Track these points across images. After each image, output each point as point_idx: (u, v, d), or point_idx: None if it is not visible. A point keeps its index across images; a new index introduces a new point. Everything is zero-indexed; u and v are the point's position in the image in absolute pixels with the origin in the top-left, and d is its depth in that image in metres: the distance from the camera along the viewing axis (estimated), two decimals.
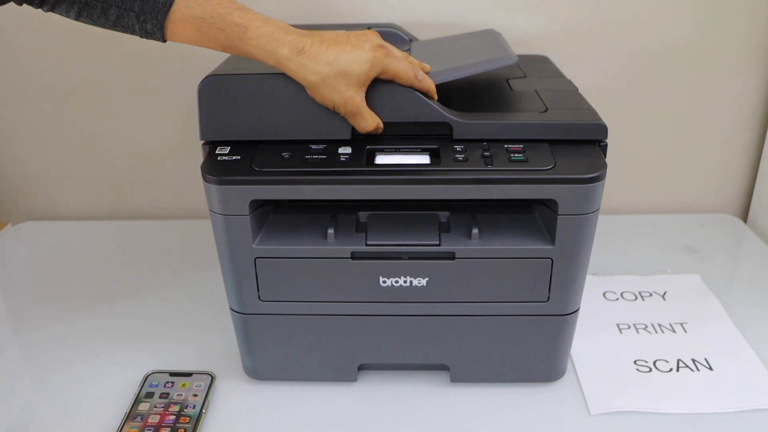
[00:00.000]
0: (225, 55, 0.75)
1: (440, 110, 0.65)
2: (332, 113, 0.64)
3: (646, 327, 0.82)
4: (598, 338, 0.80)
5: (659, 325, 0.82)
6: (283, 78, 0.63)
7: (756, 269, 0.97)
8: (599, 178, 0.61)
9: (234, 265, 0.66)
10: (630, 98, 1.06)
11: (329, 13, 1.01)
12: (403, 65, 0.63)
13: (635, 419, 0.69)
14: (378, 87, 0.64)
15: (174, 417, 0.68)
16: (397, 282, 0.67)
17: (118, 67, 1.05)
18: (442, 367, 0.75)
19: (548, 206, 0.64)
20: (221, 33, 0.61)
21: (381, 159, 0.64)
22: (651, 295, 0.88)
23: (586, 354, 0.78)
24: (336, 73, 0.61)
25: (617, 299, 0.88)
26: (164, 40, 0.63)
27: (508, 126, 0.65)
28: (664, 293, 0.89)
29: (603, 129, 0.65)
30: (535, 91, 0.74)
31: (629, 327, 0.82)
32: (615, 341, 0.80)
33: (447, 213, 0.68)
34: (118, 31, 0.63)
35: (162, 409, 0.69)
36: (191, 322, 0.85)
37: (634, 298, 0.88)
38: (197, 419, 0.68)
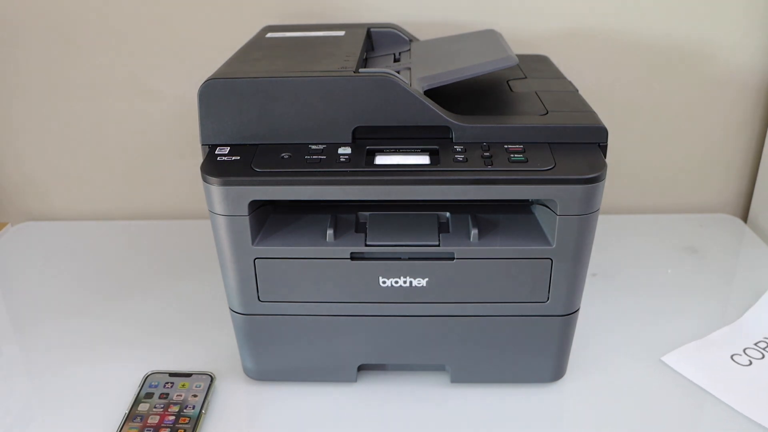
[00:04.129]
0: (226, 57, 0.75)
1: (440, 113, 0.65)
2: (333, 116, 0.64)
3: None
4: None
5: None
6: (285, 81, 0.63)
7: (756, 269, 0.97)
8: (599, 179, 0.61)
9: (233, 266, 0.66)
10: (630, 98, 1.06)
11: (329, 13, 1.01)
12: None
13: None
14: (376, 90, 0.64)
15: (173, 417, 0.68)
16: (396, 282, 0.67)
17: (118, 67, 1.05)
18: (442, 368, 0.75)
19: (548, 206, 0.64)
20: None
21: (380, 159, 0.64)
22: None
23: None
24: None
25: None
26: None
27: (507, 129, 0.65)
28: None
29: (603, 132, 0.65)
30: (536, 92, 0.74)
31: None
32: None
33: (447, 213, 0.68)
34: None
35: (161, 409, 0.69)
36: (191, 322, 0.85)
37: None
38: (197, 420, 0.68)
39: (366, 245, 0.65)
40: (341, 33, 0.85)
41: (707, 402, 0.71)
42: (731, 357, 0.76)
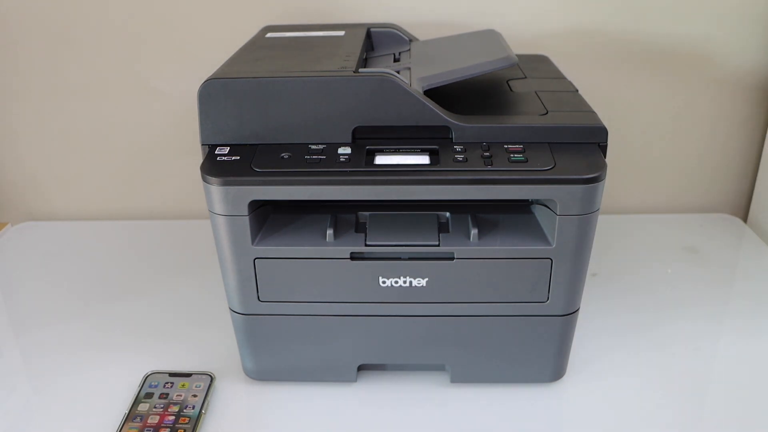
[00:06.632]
0: (226, 57, 0.75)
1: (440, 113, 0.65)
2: (333, 116, 0.64)
3: None
4: None
5: None
6: (284, 81, 0.63)
7: (756, 269, 0.97)
8: (599, 179, 0.61)
9: (233, 266, 0.66)
10: (630, 98, 1.06)
11: (329, 13, 1.01)
12: None
13: None
14: (376, 90, 0.64)
15: (173, 417, 0.68)
16: (396, 282, 0.67)
17: (118, 68, 1.05)
18: (442, 368, 0.75)
19: (548, 206, 0.64)
20: None
21: (380, 159, 0.64)
22: None
23: None
24: None
25: None
26: None
27: (507, 129, 0.65)
28: None
29: (603, 132, 0.65)
30: (535, 92, 0.74)
31: None
32: None
33: (447, 213, 0.68)
34: None
35: (161, 409, 0.69)
36: (191, 322, 0.85)
37: None
38: (197, 420, 0.68)
39: (366, 245, 0.65)
40: (341, 33, 0.85)
41: (706, 401, 0.71)
42: None
